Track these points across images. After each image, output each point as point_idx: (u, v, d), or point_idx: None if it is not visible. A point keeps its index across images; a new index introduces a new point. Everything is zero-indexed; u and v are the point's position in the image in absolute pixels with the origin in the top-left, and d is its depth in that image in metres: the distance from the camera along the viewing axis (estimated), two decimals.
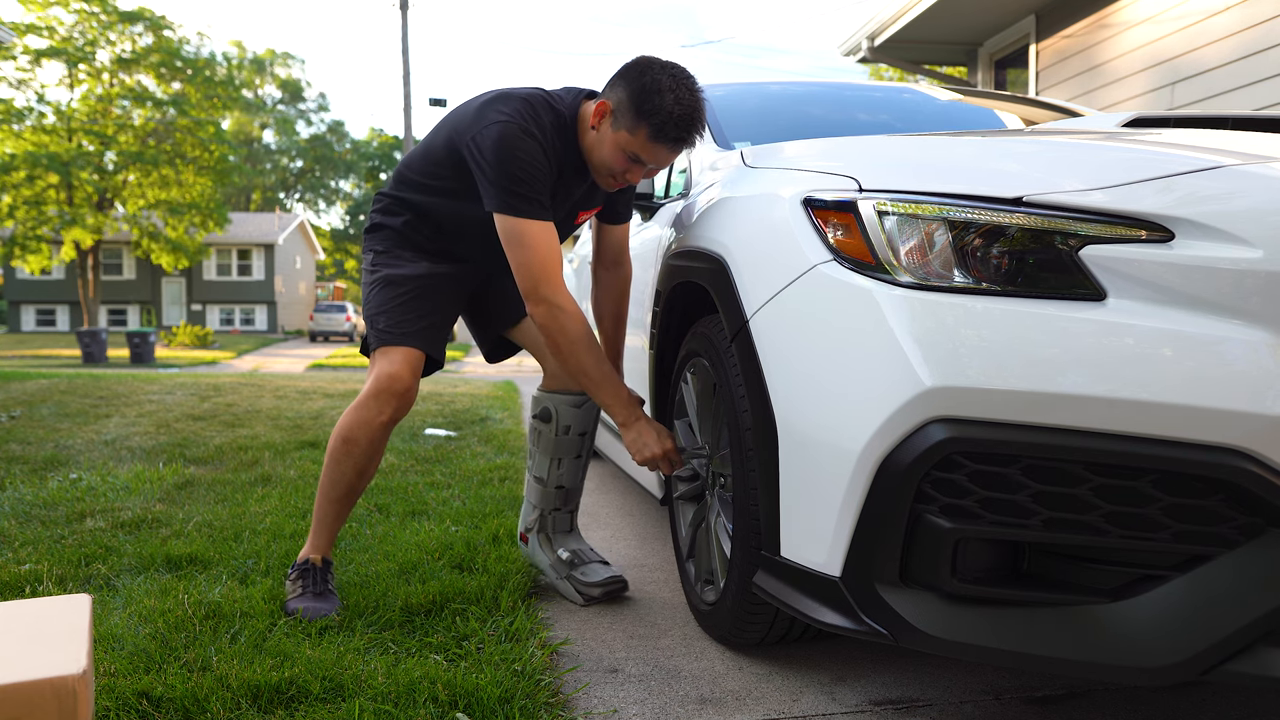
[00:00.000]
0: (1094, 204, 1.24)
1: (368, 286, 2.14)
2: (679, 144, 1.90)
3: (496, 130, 1.87)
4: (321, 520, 2.09)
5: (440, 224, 2.11)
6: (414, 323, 2.06)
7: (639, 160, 1.92)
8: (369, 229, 2.19)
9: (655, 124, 1.85)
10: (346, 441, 2.02)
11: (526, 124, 1.90)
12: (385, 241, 2.14)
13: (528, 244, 1.90)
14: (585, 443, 2.28)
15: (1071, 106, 2.97)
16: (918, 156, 1.57)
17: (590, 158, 2.00)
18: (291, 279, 42.31)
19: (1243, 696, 1.64)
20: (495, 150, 1.87)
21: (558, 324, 1.93)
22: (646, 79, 1.86)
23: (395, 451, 4.20)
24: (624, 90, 1.89)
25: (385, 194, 2.18)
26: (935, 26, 7.16)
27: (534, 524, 2.31)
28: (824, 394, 1.42)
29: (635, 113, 1.87)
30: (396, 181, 2.16)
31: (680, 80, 1.87)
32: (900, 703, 1.62)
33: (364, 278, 2.17)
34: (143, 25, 28.71)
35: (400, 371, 2.01)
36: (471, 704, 1.54)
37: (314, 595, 2.01)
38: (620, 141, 1.91)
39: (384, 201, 2.17)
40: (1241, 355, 1.15)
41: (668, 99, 1.84)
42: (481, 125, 1.91)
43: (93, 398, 6.48)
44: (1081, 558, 1.26)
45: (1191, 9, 5.24)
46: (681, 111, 1.85)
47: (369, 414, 2.01)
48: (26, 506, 3.00)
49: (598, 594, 2.17)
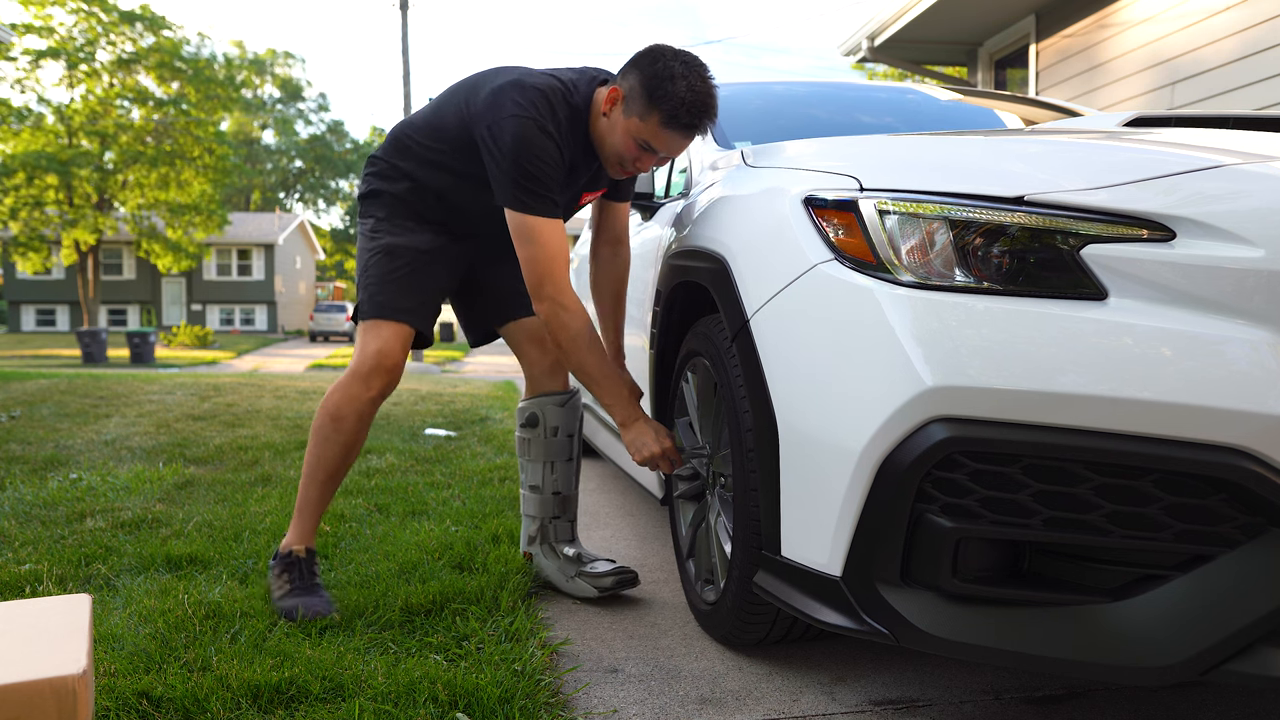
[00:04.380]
0: (1095, 203, 1.24)
1: (366, 253, 2.08)
2: (691, 130, 1.89)
3: (514, 125, 1.85)
4: (305, 505, 2.06)
5: (442, 196, 2.07)
6: (410, 299, 2.04)
7: (650, 148, 1.91)
8: (366, 194, 2.12)
9: (667, 110, 1.84)
10: (335, 419, 2.00)
11: (544, 121, 1.87)
12: (386, 208, 2.08)
13: (537, 241, 1.89)
14: (574, 445, 2.28)
15: (1072, 106, 2.97)
16: (919, 156, 1.57)
17: (601, 144, 1.98)
18: (291, 279, 42.31)
19: (1243, 696, 1.64)
20: (512, 146, 1.85)
21: (560, 322, 1.93)
22: (659, 65, 1.85)
23: (395, 451, 4.20)
24: (636, 77, 1.88)
25: (382, 158, 2.11)
26: (935, 26, 7.16)
27: (535, 534, 2.29)
28: (825, 393, 1.42)
29: (647, 99, 1.85)
30: (395, 148, 2.09)
31: (693, 67, 1.86)
32: (900, 703, 1.62)
33: (361, 243, 2.11)
34: (142, 25, 28.69)
35: (391, 348, 2.00)
36: (471, 704, 1.54)
37: (304, 591, 1.98)
38: (631, 129, 1.90)
39: (380, 165, 2.10)
40: (1243, 355, 1.15)
41: (680, 85, 1.83)
42: (498, 115, 1.87)
43: (93, 398, 6.48)
44: (1082, 557, 1.25)
45: (1192, 9, 5.24)
46: (694, 98, 1.84)
47: (357, 390, 1.99)
48: (26, 506, 3.00)
49: (610, 583, 2.15)
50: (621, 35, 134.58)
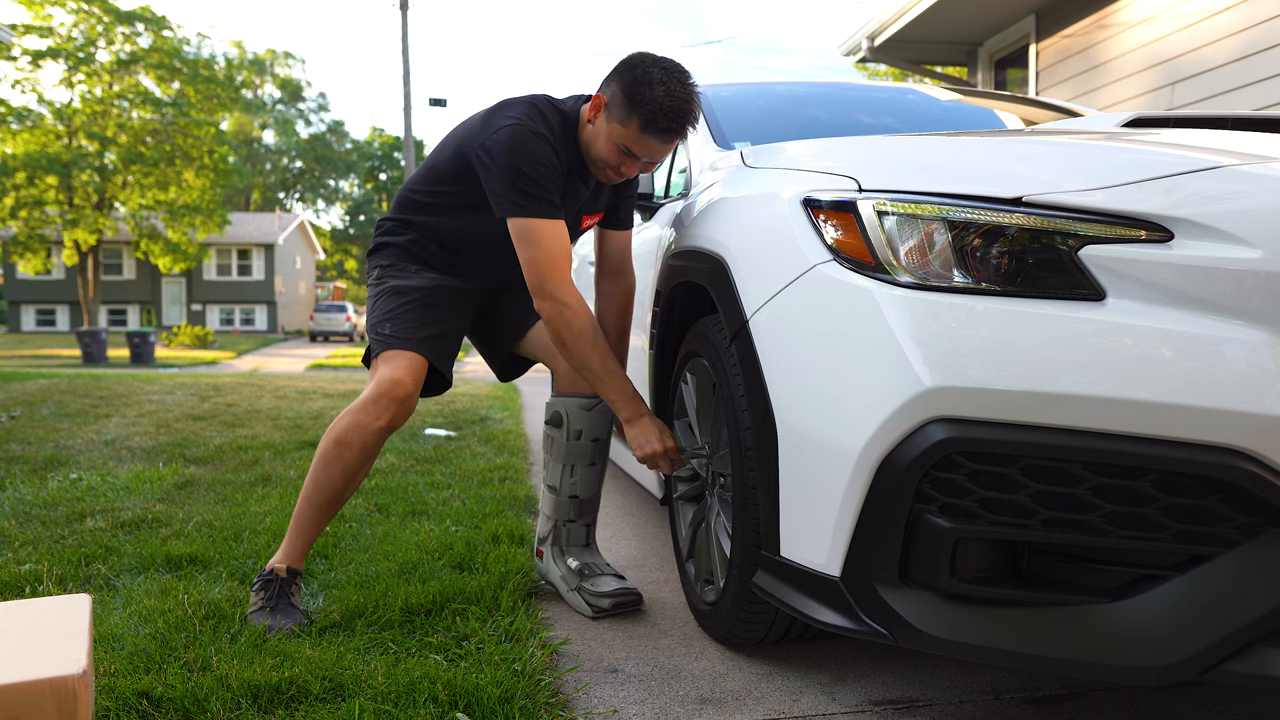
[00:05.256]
0: (1093, 204, 1.24)
1: (373, 299, 2.11)
2: (670, 135, 1.91)
3: (506, 133, 1.89)
4: (299, 526, 2.01)
5: (445, 241, 2.13)
6: (418, 329, 2.03)
7: (631, 153, 1.94)
8: (373, 250, 2.19)
9: (645, 115, 1.87)
10: (339, 444, 1.96)
11: (535, 124, 1.92)
12: (390, 257, 2.15)
13: (537, 241, 1.90)
14: (598, 450, 2.21)
15: (1071, 106, 2.97)
16: (917, 156, 1.57)
17: (588, 152, 2.02)
18: (291, 279, 42.30)
19: (1243, 696, 1.64)
20: (506, 153, 1.88)
21: (563, 319, 1.93)
22: (638, 72, 1.89)
23: (395, 451, 4.20)
24: (617, 84, 1.91)
25: (389, 218, 2.19)
26: (935, 26, 7.16)
27: (548, 534, 2.25)
28: (824, 394, 1.42)
29: (627, 105, 1.88)
30: (400, 205, 2.17)
31: (672, 74, 1.89)
32: (900, 703, 1.62)
33: (369, 293, 2.15)
34: (142, 25, 28.69)
35: (402, 376, 1.96)
36: (471, 704, 1.54)
37: (272, 610, 1.92)
38: (614, 134, 1.92)
39: (387, 225, 2.19)
40: (1241, 355, 1.15)
41: (658, 91, 1.86)
42: (490, 131, 1.92)
43: (93, 398, 6.48)
44: (1081, 557, 1.26)
45: (1192, 9, 5.24)
46: (672, 103, 1.86)
47: (366, 418, 1.95)
48: (26, 506, 3.00)
49: (607, 605, 2.08)
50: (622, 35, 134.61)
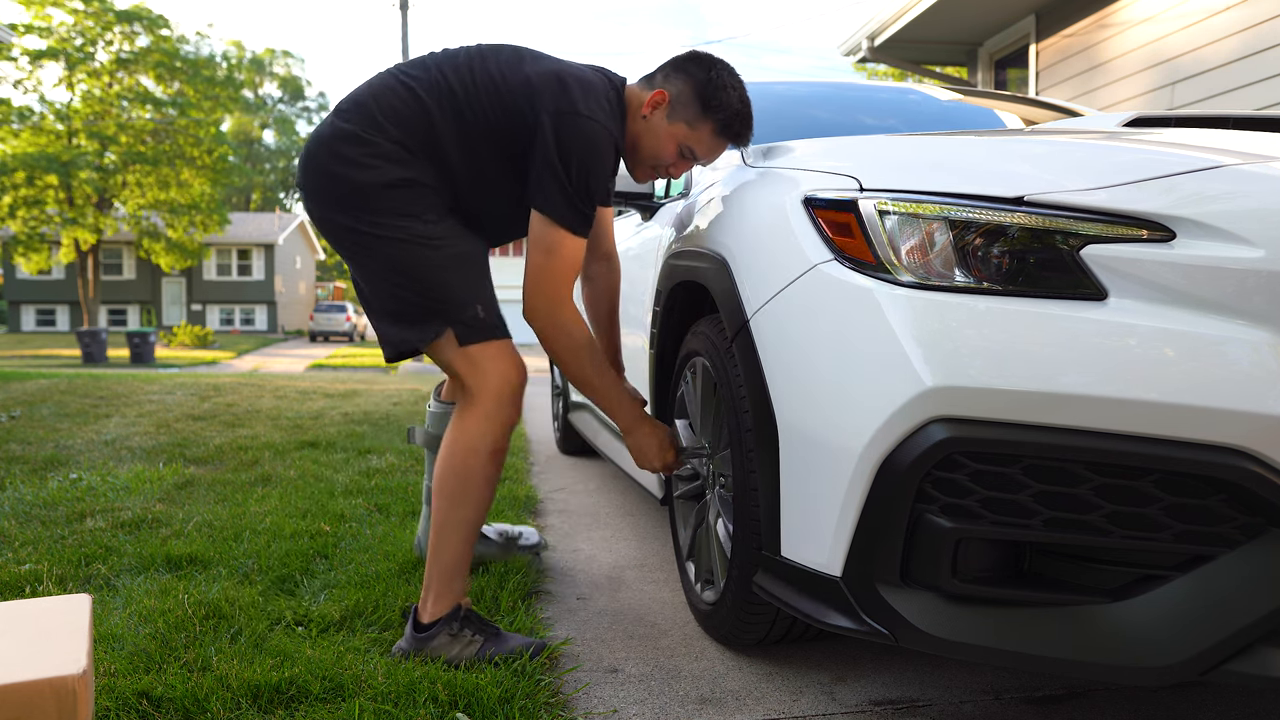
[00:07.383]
0: (1095, 203, 1.24)
1: (437, 268, 1.75)
2: (738, 141, 1.92)
3: (591, 130, 1.72)
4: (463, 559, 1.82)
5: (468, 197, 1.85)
6: (498, 305, 1.85)
7: (692, 155, 1.90)
8: (391, 184, 1.72)
9: (722, 120, 1.85)
10: (496, 452, 1.80)
11: (612, 129, 1.77)
12: (425, 205, 1.76)
13: (559, 255, 1.77)
14: None
15: (1072, 106, 2.97)
16: (919, 156, 1.57)
17: (635, 147, 1.90)
18: (291, 279, 42.31)
19: (1243, 696, 1.64)
20: (584, 155, 1.72)
21: (562, 331, 1.84)
22: (712, 74, 1.85)
23: (395, 451, 4.20)
24: (685, 83, 1.85)
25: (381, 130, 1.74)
26: (935, 26, 7.16)
27: None
28: (825, 394, 1.42)
29: (701, 107, 1.84)
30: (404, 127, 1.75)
31: (738, 79, 1.89)
32: (900, 703, 1.62)
33: (413, 250, 1.74)
34: (141, 25, 28.69)
35: (517, 372, 1.83)
36: (471, 704, 1.54)
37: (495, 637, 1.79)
38: (678, 134, 1.87)
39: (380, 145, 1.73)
40: (1243, 355, 1.15)
41: (733, 96, 1.84)
42: (571, 109, 1.71)
43: (93, 398, 6.48)
44: (1082, 558, 1.25)
45: (1192, 9, 5.24)
46: (744, 109, 1.87)
47: (508, 416, 1.81)
48: (26, 506, 2.99)
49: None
50: (623, 34, 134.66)
